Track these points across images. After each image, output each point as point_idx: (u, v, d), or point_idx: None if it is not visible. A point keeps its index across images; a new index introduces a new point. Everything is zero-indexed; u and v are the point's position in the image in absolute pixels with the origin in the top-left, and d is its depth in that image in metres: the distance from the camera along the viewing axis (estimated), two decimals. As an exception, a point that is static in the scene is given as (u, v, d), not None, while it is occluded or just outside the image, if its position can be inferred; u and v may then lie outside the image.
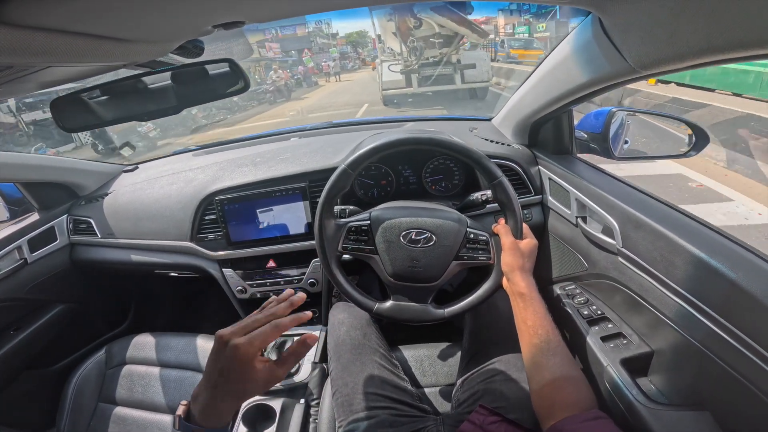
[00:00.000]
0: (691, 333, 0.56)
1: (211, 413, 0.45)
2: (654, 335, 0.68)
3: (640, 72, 0.48)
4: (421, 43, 7.54)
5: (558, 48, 0.68)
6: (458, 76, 7.93)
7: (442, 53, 7.72)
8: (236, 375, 0.45)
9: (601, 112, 0.97)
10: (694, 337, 0.56)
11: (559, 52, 0.67)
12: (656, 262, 0.62)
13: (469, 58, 7.99)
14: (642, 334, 0.71)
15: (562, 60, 0.66)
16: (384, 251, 0.76)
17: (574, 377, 0.56)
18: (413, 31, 7.35)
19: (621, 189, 0.78)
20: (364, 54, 25.27)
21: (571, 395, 0.54)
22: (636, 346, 0.70)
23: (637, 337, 0.72)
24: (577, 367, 0.58)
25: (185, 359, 1.08)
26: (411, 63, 8.00)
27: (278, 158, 1.09)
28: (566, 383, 0.55)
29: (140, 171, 1.31)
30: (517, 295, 0.67)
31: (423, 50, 7.63)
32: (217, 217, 1.04)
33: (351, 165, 0.75)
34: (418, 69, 7.97)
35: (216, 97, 0.58)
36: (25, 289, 1.14)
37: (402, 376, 0.84)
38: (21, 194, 1.21)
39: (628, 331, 0.74)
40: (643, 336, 0.71)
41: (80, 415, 1.04)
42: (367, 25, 17.70)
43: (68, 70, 0.51)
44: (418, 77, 8.10)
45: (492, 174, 0.72)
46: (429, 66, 7.95)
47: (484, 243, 0.74)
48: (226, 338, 0.46)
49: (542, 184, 1.02)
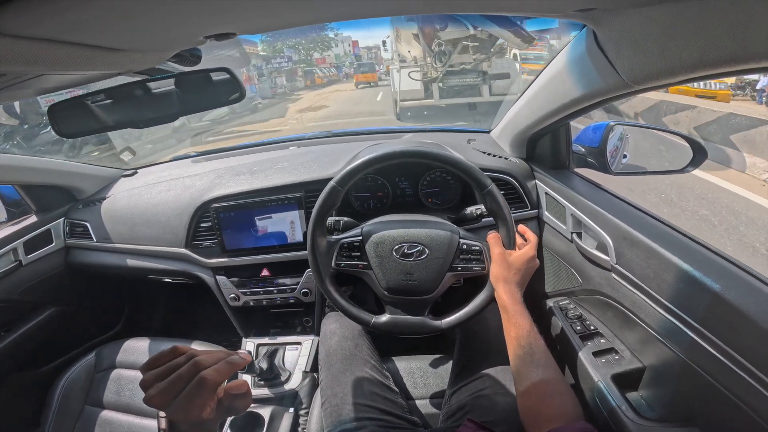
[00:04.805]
0: (681, 349, 0.57)
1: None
2: (645, 351, 0.68)
3: (633, 86, 0.48)
4: (449, 47, 6.35)
5: (554, 61, 0.68)
6: (486, 88, 6.79)
7: (476, 59, 6.51)
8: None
9: (599, 126, 0.97)
10: (684, 352, 0.56)
11: (554, 66, 0.68)
12: (649, 279, 0.62)
13: (500, 66, 6.82)
14: (634, 350, 0.71)
15: (557, 73, 0.67)
16: (377, 266, 0.75)
17: (559, 389, 0.56)
18: (440, 33, 6.29)
19: (617, 205, 0.78)
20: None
21: (556, 407, 0.54)
22: (628, 361, 0.70)
23: (629, 353, 0.71)
24: (563, 379, 0.58)
25: (176, 364, 1.08)
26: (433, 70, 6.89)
27: (275, 167, 1.10)
28: (551, 395, 0.55)
29: (139, 176, 1.32)
30: (501, 307, 0.67)
31: (451, 55, 6.40)
32: (213, 224, 1.04)
33: (340, 181, 0.75)
34: (442, 78, 6.83)
35: (217, 104, 0.59)
36: (18, 290, 1.14)
37: (392, 388, 0.83)
38: (19, 196, 1.22)
39: (621, 347, 0.73)
40: (635, 351, 0.71)
41: (66, 418, 1.03)
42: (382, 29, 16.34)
43: (65, 77, 0.51)
44: (441, 87, 6.93)
45: (481, 183, 0.72)
46: (455, 75, 6.77)
47: (478, 253, 0.74)
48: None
49: (539, 198, 1.01)
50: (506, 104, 1.08)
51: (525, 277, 0.71)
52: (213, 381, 0.38)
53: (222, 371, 0.40)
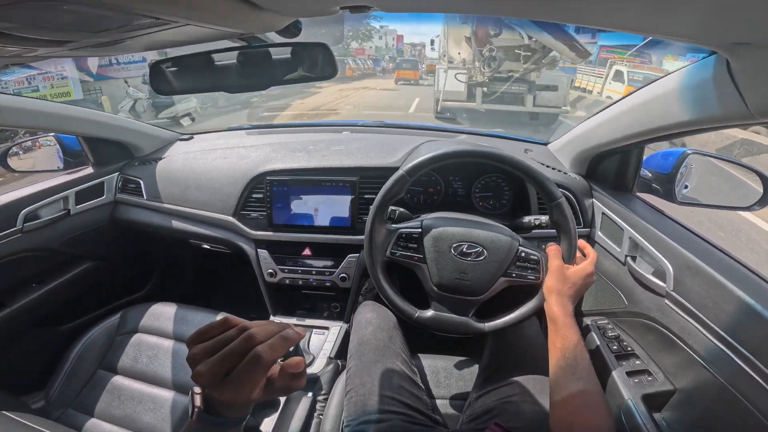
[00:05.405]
0: (724, 373, 0.59)
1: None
2: (681, 374, 0.70)
3: (758, 118, 0.47)
4: (500, 54, 6.34)
5: (660, 82, 0.66)
6: (530, 98, 6.75)
7: (526, 68, 6.50)
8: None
9: (671, 153, 0.94)
10: (726, 377, 0.58)
11: (660, 87, 0.66)
12: (707, 308, 0.63)
13: (549, 78, 6.75)
14: (668, 373, 0.73)
15: (664, 94, 0.65)
16: (433, 261, 0.75)
17: (597, 402, 0.56)
18: (493, 39, 6.29)
19: (681, 234, 0.77)
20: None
21: (591, 419, 0.54)
22: (660, 383, 0.72)
23: (662, 376, 0.73)
24: (602, 393, 0.58)
25: (199, 335, 1.06)
26: (479, 74, 6.88)
27: (331, 149, 1.10)
28: (588, 406, 0.55)
29: (195, 141, 1.35)
30: (549, 318, 0.67)
31: (502, 62, 6.39)
32: (264, 196, 1.05)
33: (410, 171, 0.75)
34: (488, 83, 6.83)
35: (306, 79, 0.59)
36: (60, 241, 1.15)
37: (419, 384, 0.83)
38: (80, 147, 1.26)
39: (655, 369, 0.75)
40: (669, 374, 0.73)
41: (74, 380, 1.00)
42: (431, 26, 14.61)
43: (181, 34, 0.52)
44: (485, 92, 6.94)
45: (553, 195, 0.72)
46: (501, 81, 6.75)
47: (535, 262, 0.74)
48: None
49: (593, 217, 0.99)
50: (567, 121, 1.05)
51: (579, 291, 0.70)
52: (268, 358, 0.35)
53: (277, 347, 0.36)
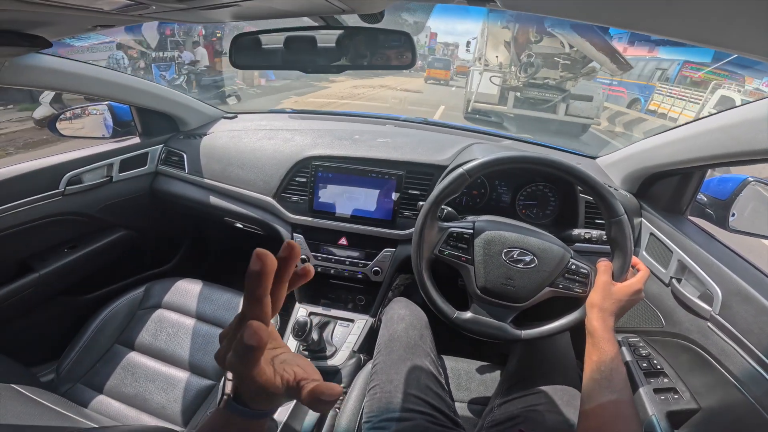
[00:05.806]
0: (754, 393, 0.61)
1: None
2: (709, 394, 0.72)
3: None
4: (539, 60, 6.31)
5: (750, 106, 0.64)
6: (562, 106, 6.68)
7: (563, 77, 6.45)
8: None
9: (729, 179, 0.91)
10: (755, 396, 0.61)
11: (750, 111, 0.64)
12: (751, 333, 0.64)
13: (585, 89, 6.72)
14: (696, 393, 0.75)
15: (753, 119, 0.63)
16: (481, 263, 0.74)
17: (628, 414, 0.55)
18: (532, 45, 6.26)
19: (732, 259, 0.77)
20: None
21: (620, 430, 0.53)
22: (685, 402, 0.74)
23: (689, 395, 0.75)
24: (634, 406, 0.57)
25: (222, 316, 1.04)
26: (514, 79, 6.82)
27: (377, 140, 1.10)
28: (618, 418, 0.55)
29: (239, 120, 1.37)
30: (588, 332, 0.66)
31: (539, 68, 6.35)
32: (308, 180, 1.05)
33: (471, 170, 0.73)
34: (522, 88, 6.78)
35: (383, 66, 0.59)
36: (98, 207, 1.16)
37: (444, 385, 0.83)
38: (131, 117, 1.29)
39: (682, 388, 0.77)
40: (696, 394, 0.74)
41: (89, 353, 0.97)
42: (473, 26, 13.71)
43: (263, 7, 0.52)
44: (518, 97, 6.91)
45: (615, 211, 0.70)
46: (535, 87, 6.69)
47: (584, 276, 0.72)
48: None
49: (640, 237, 0.97)
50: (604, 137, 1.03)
51: (624, 308, 0.68)
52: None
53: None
